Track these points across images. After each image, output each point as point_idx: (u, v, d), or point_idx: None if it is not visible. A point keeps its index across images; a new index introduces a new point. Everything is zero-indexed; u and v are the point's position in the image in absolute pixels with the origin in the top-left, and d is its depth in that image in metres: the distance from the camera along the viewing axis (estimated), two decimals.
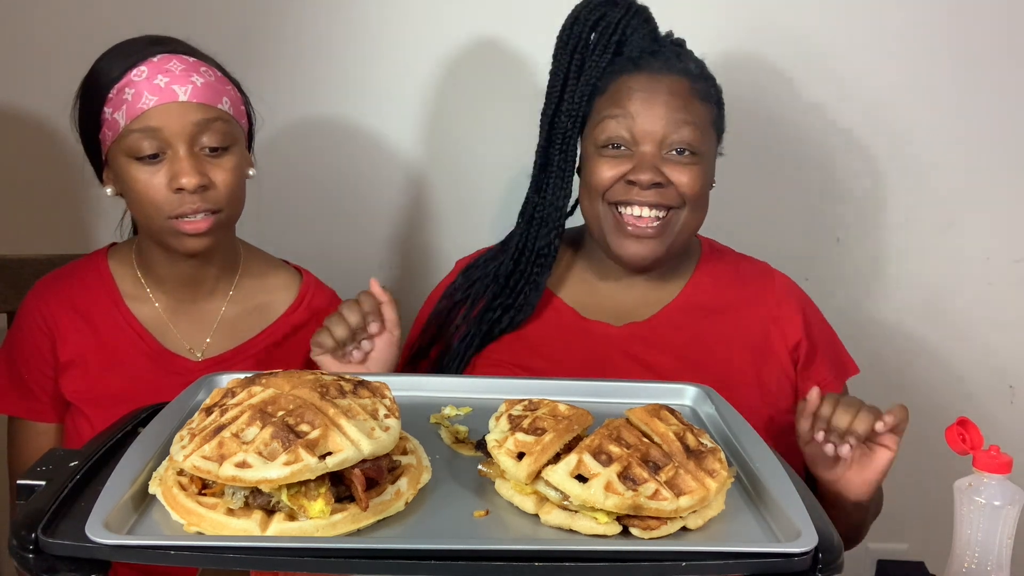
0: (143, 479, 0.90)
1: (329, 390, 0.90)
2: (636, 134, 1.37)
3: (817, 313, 1.50)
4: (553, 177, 1.45)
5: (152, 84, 1.31)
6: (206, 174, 1.32)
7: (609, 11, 1.42)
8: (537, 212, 1.47)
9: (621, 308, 1.47)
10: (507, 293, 1.47)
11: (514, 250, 1.47)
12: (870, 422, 1.20)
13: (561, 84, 1.44)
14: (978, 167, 1.87)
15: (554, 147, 1.45)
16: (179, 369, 1.42)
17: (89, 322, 1.43)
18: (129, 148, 1.32)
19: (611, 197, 1.39)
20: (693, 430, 0.93)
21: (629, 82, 1.39)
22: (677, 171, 1.37)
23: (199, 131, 1.32)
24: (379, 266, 1.92)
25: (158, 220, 1.34)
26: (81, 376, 1.42)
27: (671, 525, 0.84)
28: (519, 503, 0.89)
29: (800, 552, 0.80)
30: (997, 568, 1.05)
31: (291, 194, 1.87)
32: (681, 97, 1.38)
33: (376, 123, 1.86)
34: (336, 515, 0.84)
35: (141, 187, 1.33)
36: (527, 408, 0.96)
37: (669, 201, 1.38)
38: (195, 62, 1.36)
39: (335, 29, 1.81)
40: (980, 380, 1.94)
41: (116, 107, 1.32)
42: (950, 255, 1.91)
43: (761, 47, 1.82)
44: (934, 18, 1.82)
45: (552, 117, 1.45)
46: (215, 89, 1.36)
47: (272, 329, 1.48)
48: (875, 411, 1.22)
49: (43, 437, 1.45)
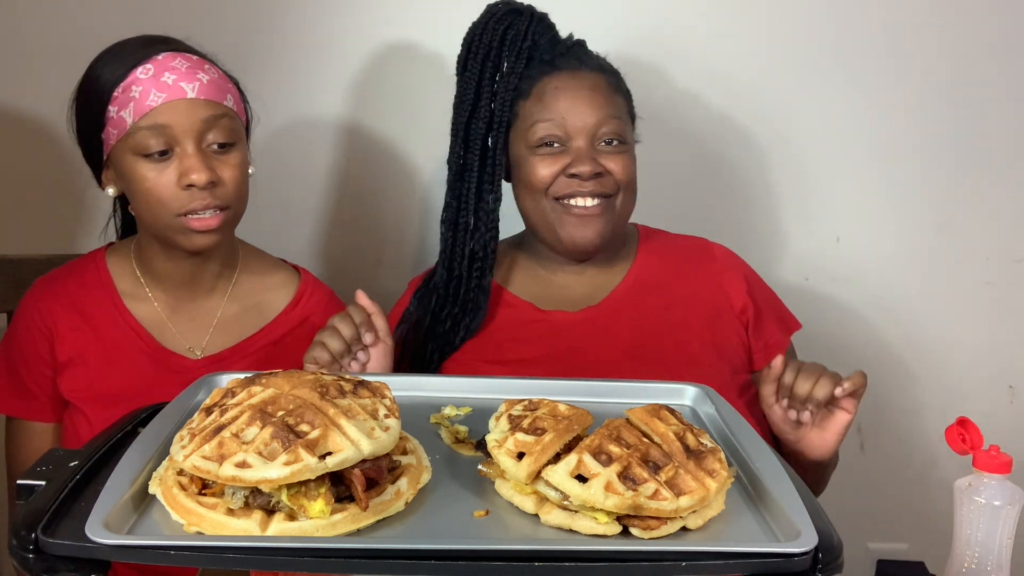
0: (143, 479, 0.89)
1: (329, 390, 0.90)
2: (568, 131, 1.44)
3: (756, 277, 1.58)
4: (475, 181, 1.49)
5: (159, 81, 1.31)
6: (215, 170, 1.33)
7: (516, 20, 1.50)
8: (461, 217, 1.50)
9: (575, 295, 1.52)
10: (451, 303, 1.50)
11: (445, 259, 1.52)
12: (830, 388, 1.29)
13: (474, 92, 1.48)
14: (978, 167, 1.87)
15: (472, 153, 1.49)
16: (177, 367, 1.42)
17: (87, 321, 1.43)
18: (137, 145, 1.32)
19: (556, 192, 1.45)
20: (693, 430, 0.93)
21: (553, 82, 1.47)
22: (611, 160, 1.45)
23: (207, 128, 1.33)
24: (376, 264, 1.92)
25: (166, 217, 1.34)
26: (80, 375, 1.42)
27: (671, 525, 0.84)
28: (519, 503, 0.89)
29: (800, 552, 0.80)
30: (997, 568, 1.05)
31: (290, 194, 1.87)
32: (602, 92, 1.47)
33: (379, 124, 1.87)
34: (336, 515, 0.83)
35: (150, 184, 1.32)
36: (527, 408, 0.96)
37: (607, 189, 1.45)
38: (198, 60, 1.36)
39: (336, 30, 1.82)
40: (980, 380, 1.94)
41: (122, 105, 1.32)
42: (950, 255, 1.91)
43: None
44: (936, 18, 1.81)
45: (467, 124, 1.49)
46: (220, 86, 1.36)
47: (271, 327, 1.48)
48: (835, 377, 1.31)
49: (41, 437, 1.45)
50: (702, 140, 1.86)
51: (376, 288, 1.91)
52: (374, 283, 1.92)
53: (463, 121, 1.49)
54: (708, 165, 1.87)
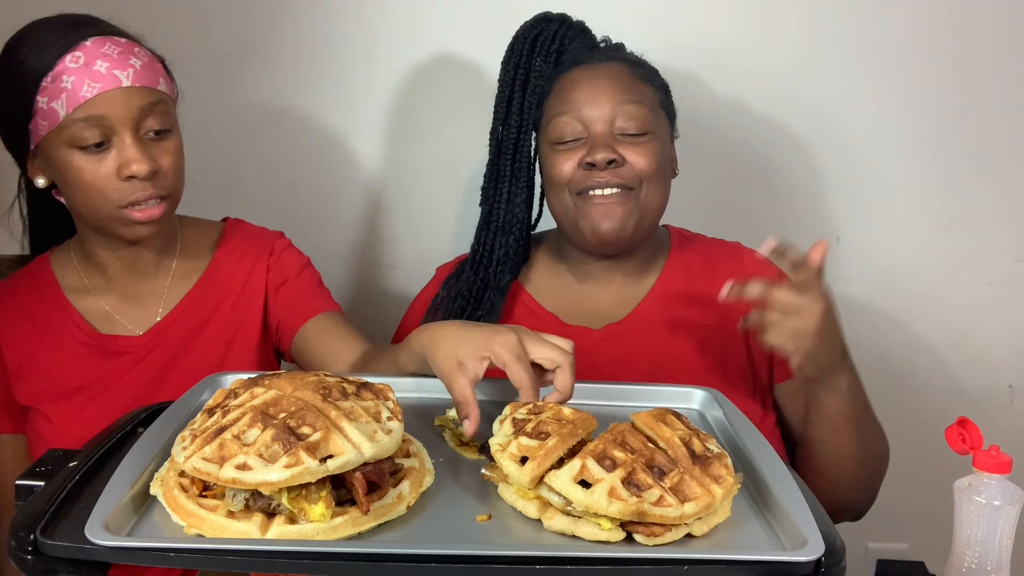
0: (144, 480, 0.89)
1: (332, 392, 0.89)
2: (585, 121, 1.40)
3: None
4: (506, 185, 1.49)
5: (92, 71, 1.26)
6: (155, 159, 1.29)
7: (545, 27, 1.48)
8: (492, 222, 1.50)
9: (600, 310, 1.48)
10: (474, 305, 1.49)
11: (474, 263, 1.51)
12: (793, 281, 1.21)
13: (507, 100, 1.49)
14: (978, 166, 1.87)
15: (505, 158, 1.49)
16: (123, 348, 1.40)
17: (34, 322, 1.41)
18: (72, 138, 1.27)
19: (575, 187, 1.41)
20: (700, 435, 0.92)
21: (572, 76, 1.44)
22: (631, 151, 1.39)
23: (143, 115, 1.29)
24: (377, 265, 1.92)
25: (107, 209, 1.30)
26: (32, 377, 1.40)
27: (675, 532, 0.84)
28: (522, 508, 0.88)
29: (804, 561, 0.79)
30: (997, 568, 1.05)
31: (296, 194, 1.87)
32: (623, 79, 1.42)
33: (386, 128, 1.86)
34: (337, 518, 0.83)
35: (88, 177, 1.28)
36: (531, 412, 0.95)
37: (627, 180, 1.39)
38: (128, 43, 1.31)
39: (361, 33, 1.82)
40: (980, 380, 1.94)
41: (53, 96, 1.27)
42: (950, 255, 1.91)
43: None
44: (936, 18, 1.81)
45: (501, 130, 1.49)
46: (152, 70, 1.32)
47: (201, 283, 1.45)
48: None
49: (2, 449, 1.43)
50: (703, 140, 1.85)
51: (383, 289, 1.92)
52: (382, 284, 1.92)
53: (498, 130, 1.50)
54: (707, 165, 1.87)
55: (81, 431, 1.22)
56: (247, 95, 1.82)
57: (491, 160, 1.51)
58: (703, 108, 1.84)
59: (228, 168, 1.83)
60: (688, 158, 1.49)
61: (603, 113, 1.39)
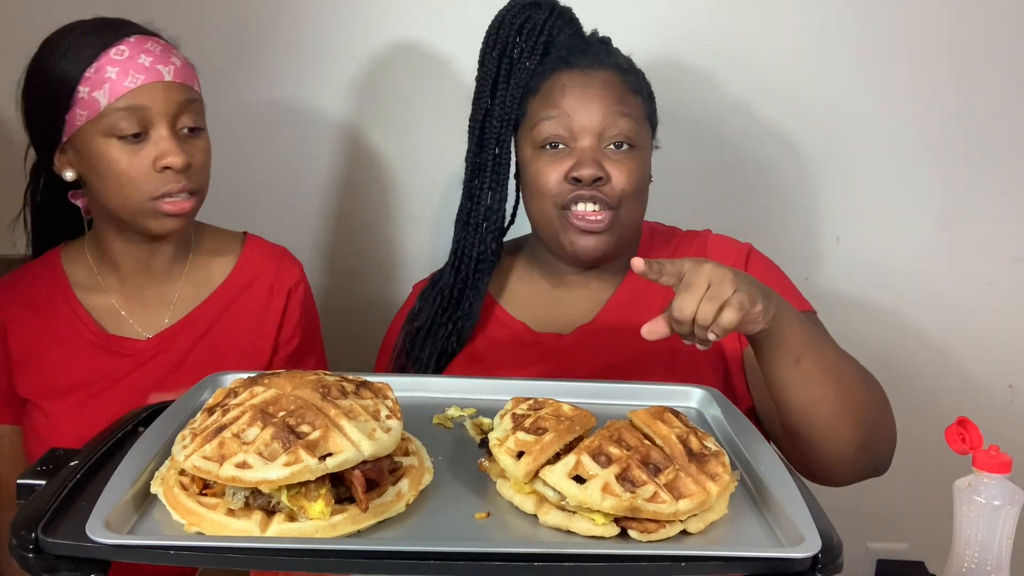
0: (145, 479, 0.90)
1: (331, 391, 0.90)
2: (574, 130, 1.37)
3: (763, 260, 1.47)
4: (488, 182, 1.45)
5: (136, 63, 1.30)
6: (190, 153, 1.32)
7: (534, 13, 1.42)
8: (472, 218, 1.47)
9: (570, 312, 1.46)
10: (454, 305, 1.47)
11: (454, 259, 1.48)
12: (736, 317, 1.07)
13: (490, 88, 1.44)
14: (978, 167, 1.87)
15: (487, 152, 1.45)
16: (129, 351, 1.41)
17: (40, 316, 1.42)
18: (111, 127, 1.30)
19: (559, 200, 1.38)
20: (697, 433, 0.93)
21: (562, 79, 1.40)
22: (616, 167, 1.37)
23: (181, 111, 1.32)
24: (377, 264, 1.92)
25: (138, 200, 1.32)
26: (34, 371, 1.41)
27: (670, 528, 0.84)
28: (519, 503, 0.89)
29: (799, 557, 0.80)
30: (997, 568, 1.05)
31: (297, 195, 1.87)
32: (615, 90, 1.39)
33: (385, 126, 1.86)
34: (336, 516, 0.84)
35: (123, 167, 1.30)
36: (531, 407, 0.96)
37: (609, 199, 1.37)
38: (167, 44, 1.36)
39: (344, 30, 1.81)
40: (980, 380, 1.94)
41: (95, 86, 1.29)
42: (949, 255, 1.91)
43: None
44: (935, 19, 1.81)
45: (483, 122, 1.45)
46: (189, 71, 1.36)
47: (216, 295, 1.46)
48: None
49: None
50: (703, 140, 1.86)
51: (380, 292, 1.92)
52: (379, 287, 1.93)
53: (479, 119, 1.45)
54: (707, 165, 1.87)
55: (77, 429, 1.23)
56: (240, 95, 1.82)
57: (472, 152, 1.46)
58: (703, 108, 1.84)
59: (216, 168, 1.83)
60: (688, 158, 1.49)
61: (593, 123, 1.37)
